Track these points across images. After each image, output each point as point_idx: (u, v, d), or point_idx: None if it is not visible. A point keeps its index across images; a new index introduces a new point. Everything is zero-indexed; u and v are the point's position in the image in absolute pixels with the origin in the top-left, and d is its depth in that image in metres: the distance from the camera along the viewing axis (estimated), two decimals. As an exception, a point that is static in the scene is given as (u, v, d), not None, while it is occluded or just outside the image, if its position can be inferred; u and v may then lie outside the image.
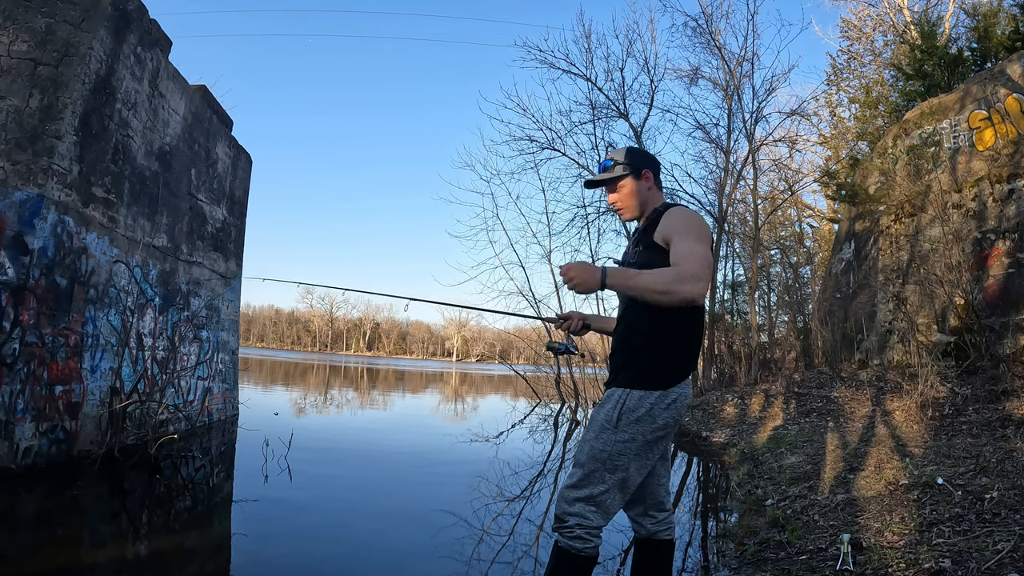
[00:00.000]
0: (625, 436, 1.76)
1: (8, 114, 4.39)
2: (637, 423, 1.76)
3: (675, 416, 1.81)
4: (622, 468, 1.76)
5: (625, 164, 2.00)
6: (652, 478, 1.93)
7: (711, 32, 12.37)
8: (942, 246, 7.22)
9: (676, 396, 1.79)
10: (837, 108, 14.65)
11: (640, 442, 1.76)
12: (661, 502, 1.95)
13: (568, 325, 2.31)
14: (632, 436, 1.76)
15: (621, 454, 1.75)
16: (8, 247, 4.23)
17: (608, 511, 1.77)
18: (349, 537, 3.54)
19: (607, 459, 1.76)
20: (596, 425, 1.81)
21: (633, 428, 1.76)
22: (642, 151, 2.10)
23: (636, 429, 1.76)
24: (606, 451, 1.76)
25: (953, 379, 5.82)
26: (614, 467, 1.75)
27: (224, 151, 7.84)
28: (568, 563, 1.72)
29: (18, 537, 3.16)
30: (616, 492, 1.77)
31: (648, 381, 1.77)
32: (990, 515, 2.76)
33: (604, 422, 1.79)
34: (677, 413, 1.81)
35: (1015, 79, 7.10)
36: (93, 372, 5.00)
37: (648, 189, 2.01)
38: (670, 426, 1.81)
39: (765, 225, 13.81)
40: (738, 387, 10.52)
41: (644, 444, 1.77)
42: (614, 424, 1.77)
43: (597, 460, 1.77)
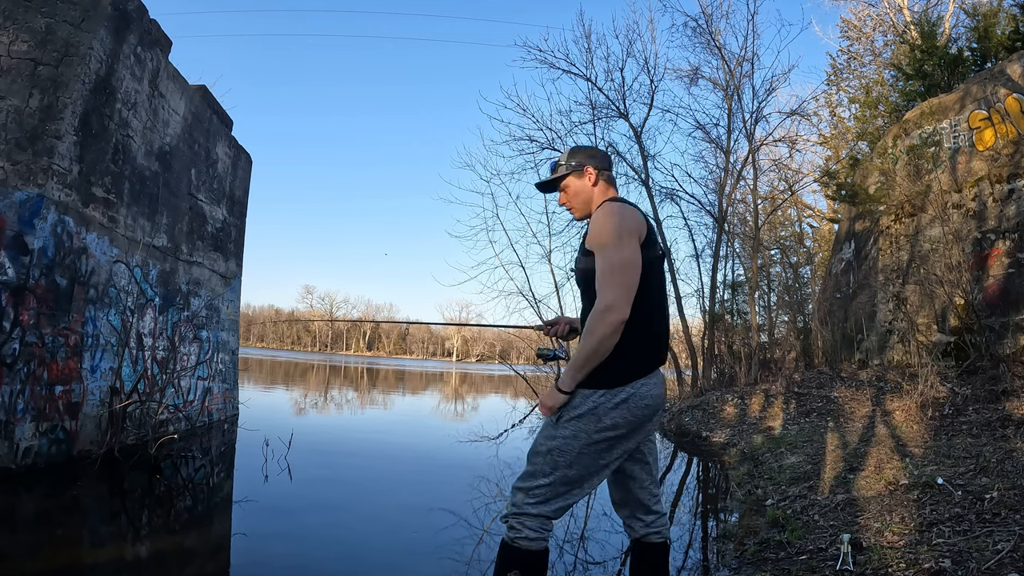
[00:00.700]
0: (565, 432, 1.74)
1: (8, 114, 4.39)
2: (578, 420, 1.73)
3: (628, 416, 1.73)
4: (564, 465, 1.73)
5: (567, 164, 2.00)
6: (632, 481, 1.92)
7: (711, 32, 12.37)
8: (942, 246, 7.22)
9: (627, 395, 1.73)
10: (837, 108, 14.65)
11: (584, 440, 1.73)
12: (646, 505, 1.94)
13: (555, 331, 2.26)
14: (573, 433, 1.73)
15: (562, 451, 1.74)
16: (8, 247, 4.23)
17: (551, 507, 1.74)
18: (349, 537, 3.54)
19: (547, 454, 1.76)
20: (544, 423, 1.85)
21: (574, 425, 1.74)
22: (586, 147, 2.05)
23: (577, 426, 1.73)
24: (545, 446, 1.77)
25: (953, 379, 5.82)
26: (555, 464, 1.74)
27: (224, 151, 7.84)
28: (507, 555, 1.73)
29: (18, 537, 3.16)
30: (560, 488, 1.74)
31: (594, 380, 1.74)
32: (990, 515, 2.76)
33: (548, 419, 1.81)
34: (631, 414, 1.74)
35: (1015, 79, 7.10)
36: (93, 372, 5.00)
37: (592, 186, 1.97)
38: (623, 426, 1.74)
39: (765, 225, 13.80)
40: (738, 387, 10.52)
41: (590, 443, 1.73)
42: (555, 421, 1.78)
43: (538, 455, 1.78)
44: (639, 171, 12.50)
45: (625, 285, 1.70)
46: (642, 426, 1.79)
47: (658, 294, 1.88)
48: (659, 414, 1.87)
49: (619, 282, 1.69)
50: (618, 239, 1.73)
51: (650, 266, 1.80)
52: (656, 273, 1.87)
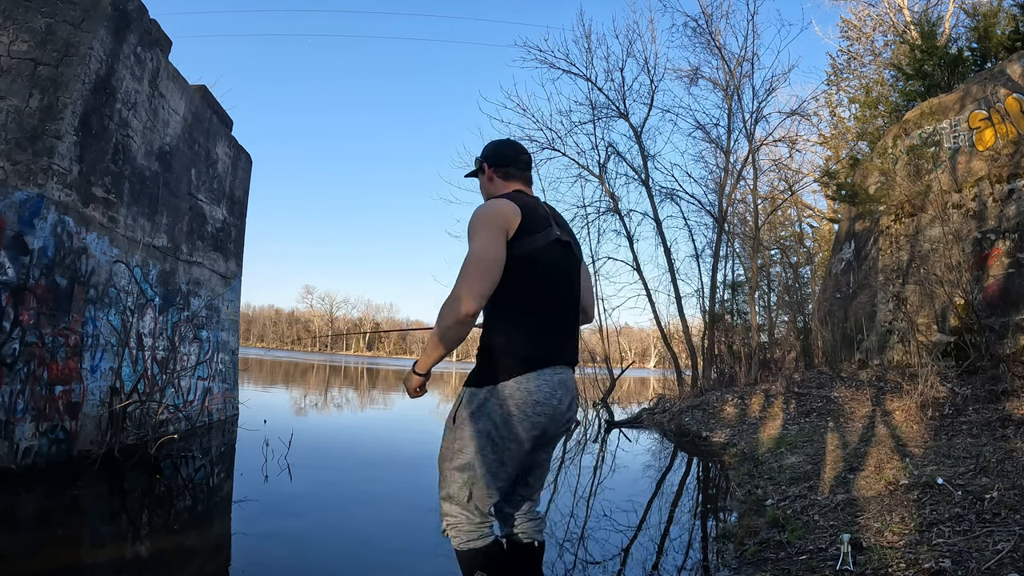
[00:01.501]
0: (463, 433, 1.76)
1: (8, 114, 4.39)
2: (471, 418, 1.75)
3: (516, 412, 1.71)
4: (467, 467, 1.75)
5: (477, 160, 2.05)
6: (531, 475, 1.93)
7: (711, 32, 12.37)
8: (942, 246, 7.22)
9: (512, 391, 1.71)
10: (837, 108, 14.66)
11: (482, 438, 1.74)
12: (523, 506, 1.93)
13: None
14: (470, 432, 1.75)
15: (460, 451, 1.76)
16: (8, 247, 4.23)
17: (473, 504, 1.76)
18: (349, 537, 3.54)
19: (451, 458, 1.78)
20: (444, 427, 1.85)
21: (469, 424, 1.75)
22: (490, 144, 2.04)
23: (472, 425, 1.75)
24: (448, 450, 1.79)
25: (953, 379, 5.82)
26: (461, 465, 1.76)
27: (224, 151, 7.84)
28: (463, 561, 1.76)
29: (18, 537, 3.16)
30: (469, 488, 1.75)
31: (480, 377, 1.76)
32: (990, 515, 2.76)
33: (447, 423, 1.83)
34: (519, 410, 1.71)
35: (1015, 79, 7.10)
36: (93, 372, 5.00)
37: (489, 182, 2.00)
38: (514, 423, 1.72)
39: (765, 225, 13.80)
40: (738, 387, 10.52)
41: (488, 440, 1.73)
42: (452, 422, 1.80)
43: (444, 460, 1.80)
44: (639, 171, 12.51)
45: (475, 278, 1.68)
46: (536, 425, 1.74)
47: (547, 287, 1.80)
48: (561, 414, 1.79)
49: (469, 275, 1.69)
50: (477, 234, 1.74)
51: (530, 258, 1.76)
52: (542, 265, 1.79)
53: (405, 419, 11.02)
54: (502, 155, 2.00)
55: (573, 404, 1.85)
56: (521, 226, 1.76)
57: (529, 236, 1.77)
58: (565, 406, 1.80)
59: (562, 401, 1.78)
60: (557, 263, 1.84)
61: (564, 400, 1.79)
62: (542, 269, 1.79)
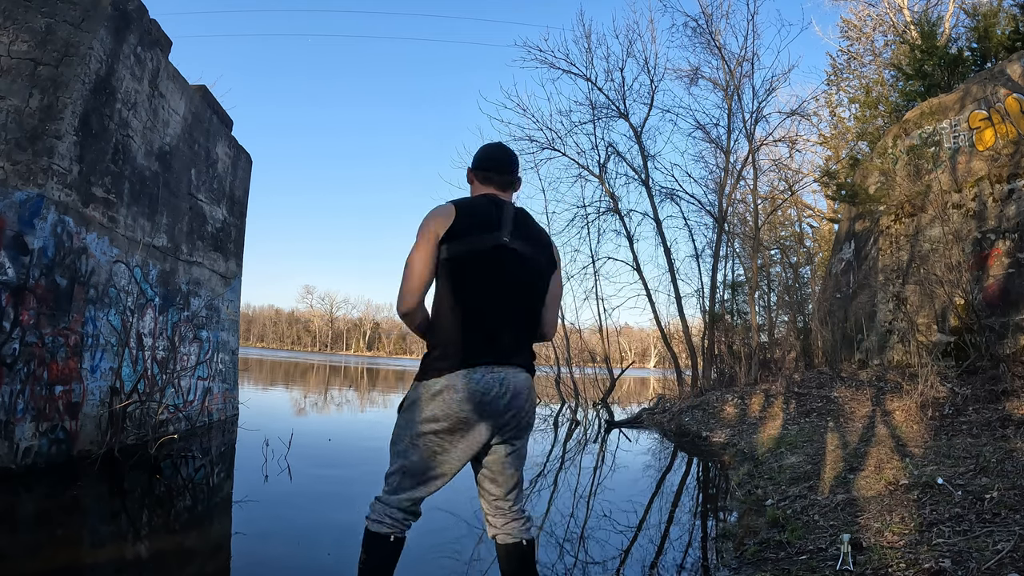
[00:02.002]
0: (400, 422, 1.86)
1: (8, 114, 4.39)
2: (407, 411, 1.84)
3: (445, 410, 1.74)
4: (401, 455, 1.83)
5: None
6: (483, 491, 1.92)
7: (711, 32, 12.37)
8: (942, 246, 7.22)
9: (441, 388, 1.75)
10: (837, 108, 14.66)
11: (412, 431, 1.80)
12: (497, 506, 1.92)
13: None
14: (403, 424, 1.84)
15: (398, 439, 1.85)
16: (8, 247, 4.23)
17: (398, 497, 1.83)
18: (349, 537, 3.53)
19: (392, 445, 1.88)
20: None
21: (404, 416, 1.85)
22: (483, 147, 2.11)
23: (406, 417, 1.84)
24: (392, 436, 1.89)
25: (953, 379, 5.82)
26: (395, 452, 1.85)
27: (224, 151, 7.84)
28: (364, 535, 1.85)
29: (18, 537, 3.16)
30: (405, 480, 1.83)
31: (419, 374, 1.85)
32: (990, 515, 2.76)
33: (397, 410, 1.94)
34: (447, 407, 1.74)
35: (1015, 79, 7.10)
36: (93, 372, 5.00)
37: (470, 183, 2.09)
38: (441, 419, 1.75)
39: (765, 225, 13.80)
40: (738, 387, 10.52)
41: (418, 434, 1.79)
42: (398, 411, 1.91)
43: (390, 445, 1.90)
44: (639, 171, 12.52)
45: (403, 280, 1.83)
46: (469, 423, 1.76)
47: (478, 288, 1.82)
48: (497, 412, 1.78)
49: (403, 278, 1.84)
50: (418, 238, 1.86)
51: (457, 261, 1.81)
52: (471, 268, 1.82)
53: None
54: (481, 159, 2.05)
55: (516, 403, 1.80)
56: (450, 230, 1.81)
57: (458, 240, 1.81)
58: (505, 401, 1.78)
59: (484, 394, 1.76)
60: (493, 268, 1.83)
61: (501, 395, 1.78)
62: (471, 272, 1.82)
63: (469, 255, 1.81)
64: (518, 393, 1.81)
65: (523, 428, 1.89)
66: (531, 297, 1.93)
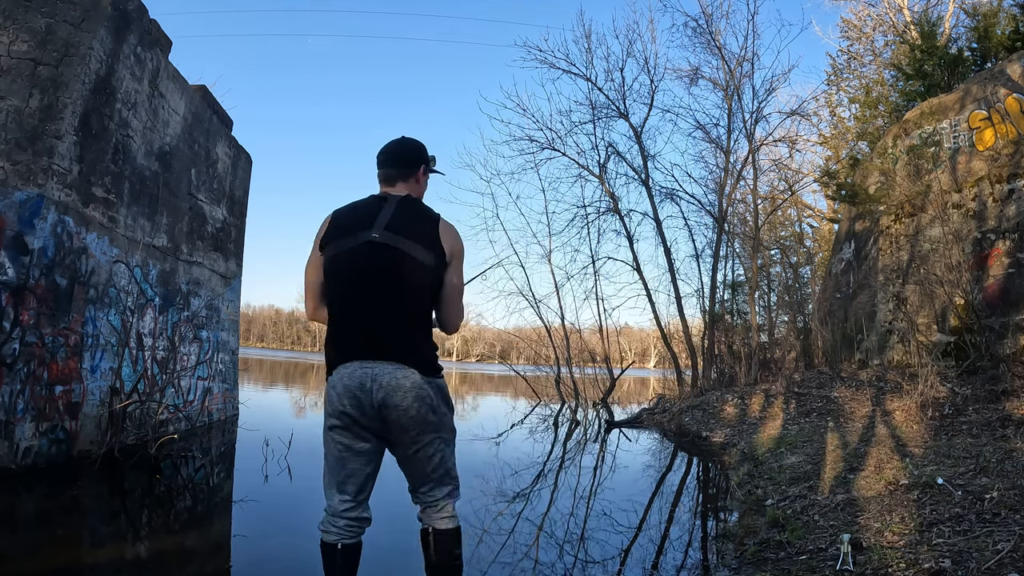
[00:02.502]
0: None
1: (8, 114, 4.39)
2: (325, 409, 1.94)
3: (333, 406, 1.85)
4: (324, 456, 1.95)
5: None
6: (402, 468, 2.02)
7: (711, 32, 12.36)
8: (942, 246, 7.22)
9: (334, 382, 1.85)
10: (837, 108, 14.65)
11: (324, 430, 1.93)
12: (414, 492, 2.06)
13: None
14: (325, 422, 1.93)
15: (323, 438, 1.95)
16: (8, 247, 4.23)
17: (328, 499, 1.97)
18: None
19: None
20: None
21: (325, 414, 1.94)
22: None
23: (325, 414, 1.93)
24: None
25: (953, 379, 5.82)
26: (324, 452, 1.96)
27: (224, 151, 7.84)
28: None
29: (18, 537, 3.16)
30: (326, 480, 1.97)
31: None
32: (990, 515, 2.76)
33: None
34: (332, 403, 1.85)
35: (1015, 79, 7.10)
36: (93, 372, 4.99)
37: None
38: (332, 415, 1.86)
39: (765, 225, 13.79)
40: (738, 387, 10.52)
41: (326, 431, 1.91)
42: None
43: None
44: (639, 171, 12.51)
45: (305, 290, 2.01)
46: (354, 419, 1.83)
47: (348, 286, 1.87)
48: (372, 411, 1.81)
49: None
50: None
51: (330, 264, 1.91)
52: (337, 270, 1.89)
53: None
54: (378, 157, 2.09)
55: (393, 400, 1.79)
56: (325, 235, 1.93)
57: (332, 243, 1.91)
58: (378, 398, 1.79)
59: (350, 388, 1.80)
60: (362, 266, 1.84)
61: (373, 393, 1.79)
62: (337, 274, 1.89)
63: (339, 255, 1.88)
64: (395, 390, 1.78)
65: (412, 429, 1.83)
66: (407, 291, 1.85)
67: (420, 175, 2.05)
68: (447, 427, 1.96)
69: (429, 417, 1.85)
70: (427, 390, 1.84)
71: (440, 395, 1.90)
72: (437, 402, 1.88)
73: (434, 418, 1.87)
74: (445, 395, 1.94)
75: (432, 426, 1.87)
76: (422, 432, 1.86)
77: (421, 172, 2.06)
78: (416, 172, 2.03)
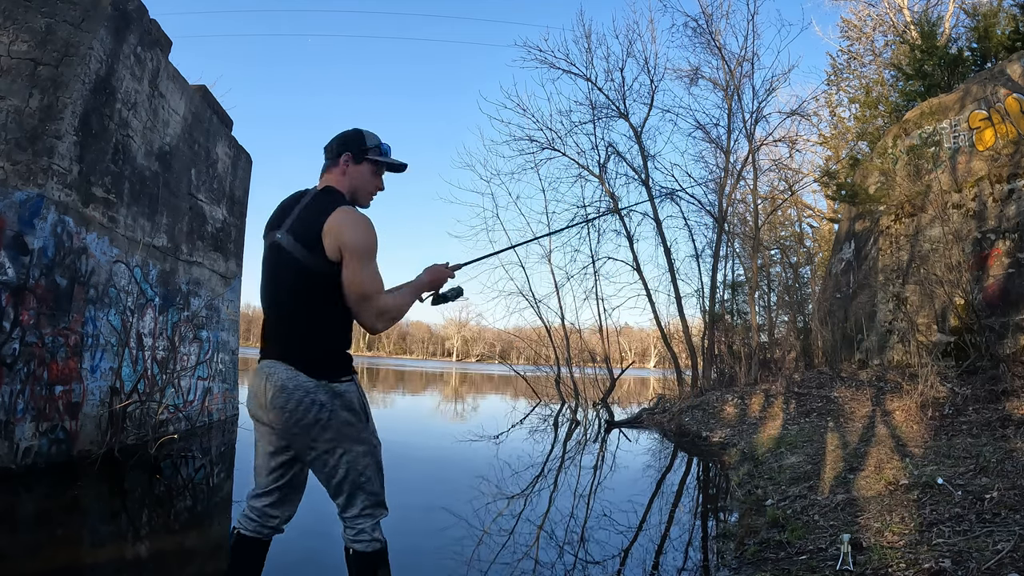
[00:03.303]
0: None
1: (8, 114, 4.39)
2: None
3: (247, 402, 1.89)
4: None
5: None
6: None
7: (711, 32, 12.36)
8: (942, 246, 7.22)
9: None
10: (837, 108, 14.65)
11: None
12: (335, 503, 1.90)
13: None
14: None
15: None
16: (8, 247, 4.23)
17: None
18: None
19: None
20: None
21: None
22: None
23: None
24: None
25: (953, 379, 5.82)
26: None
27: (224, 151, 7.84)
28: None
29: (18, 537, 3.16)
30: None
31: None
32: (990, 515, 2.76)
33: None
34: (248, 400, 1.87)
35: (1015, 79, 7.10)
36: (93, 372, 4.99)
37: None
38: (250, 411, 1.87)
39: (765, 225, 13.79)
40: (738, 387, 10.52)
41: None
42: None
43: None
44: (639, 171, 12.51)
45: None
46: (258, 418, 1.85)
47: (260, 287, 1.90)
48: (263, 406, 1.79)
49: None
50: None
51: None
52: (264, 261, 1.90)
53: (405, 419, 11.03)
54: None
55: (277, 400, 1.75)
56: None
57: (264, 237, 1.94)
58: (267, 399, 1.77)
59: (263, 394, 1.79)
60: (266, 266, 1.89)
61: (265, 392, 1.78)
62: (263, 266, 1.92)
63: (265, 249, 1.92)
64: (279, 391, 1.74)
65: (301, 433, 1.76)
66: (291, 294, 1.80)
67: (343, 164, 1.91)
68: (350, 437, 1.79)
69: (319, 422, 1.74)
70: (315, 394, 1.74)
71: (338, 400, 1.77)
72: (332, 407, 1.75)
73: (327, 423, 1.75)
74: (347, 401, 1.79)
75: (326, 432, 1.75)
76: (315, 439, 1.76)
77: (344, 161, 1.91)
78: (339, 161, 1.92)
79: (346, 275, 1.76)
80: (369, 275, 1.78)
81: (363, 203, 1.97)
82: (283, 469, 1.88)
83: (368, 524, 1.83)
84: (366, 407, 1.87)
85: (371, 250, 1.79)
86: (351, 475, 1.80)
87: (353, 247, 1.75)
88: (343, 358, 1.84)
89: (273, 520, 1.93)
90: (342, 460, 1.79)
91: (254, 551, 1.93)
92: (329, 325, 1.81)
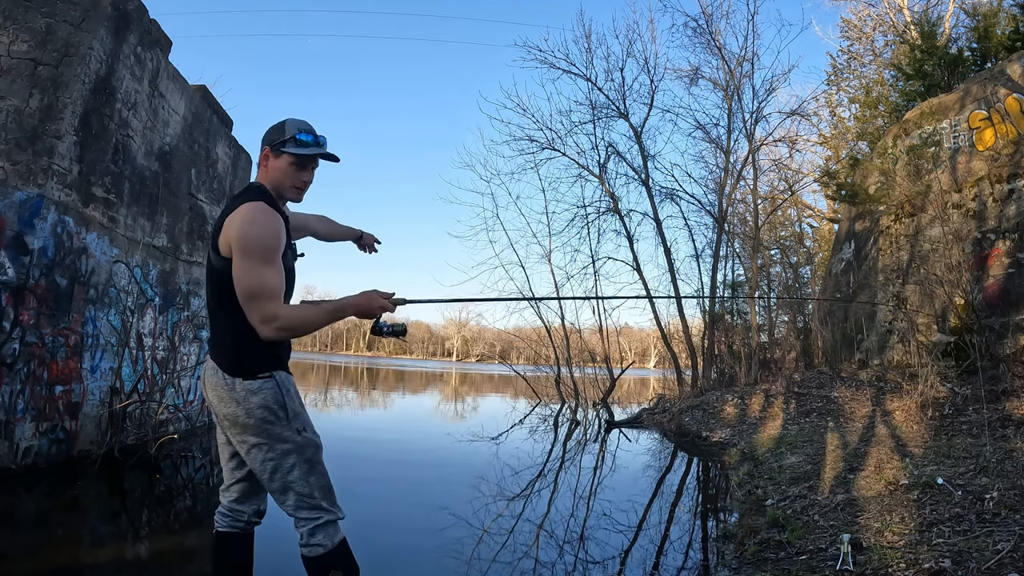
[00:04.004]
0: None
1: (8, 114, 4.39)
2: None
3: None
4: None
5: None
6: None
7: (711, 32, 12.38)
8: (942, 246, 7.22)
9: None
10: (837, 108, 14.65)
11: None
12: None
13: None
14: None
15: None
16: (8, 247, 4.23)
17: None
18: (349, 536, 3.53)
19: None
20: None
21: None
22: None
23: None
24: None
25: (953, 379, 5.82)
26: None
27: (224, 151, 7.83)
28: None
29: (18, 537, 3.16)
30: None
31: None
32: (990, 515, 2.76)
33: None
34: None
35: (1015, 79, 7.10)
36: (93, 372, 5.00)
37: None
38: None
39: (765, 225, 13.79)
40: (738, 387, 10.52)
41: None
42: None
43: None
44: (639, 171, 12.52)
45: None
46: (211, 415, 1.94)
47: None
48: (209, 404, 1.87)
49: None
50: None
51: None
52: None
53: (405, 419, 11.03)
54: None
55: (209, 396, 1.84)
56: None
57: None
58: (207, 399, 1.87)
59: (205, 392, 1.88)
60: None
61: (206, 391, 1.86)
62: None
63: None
64: (210, 388, 1.83)
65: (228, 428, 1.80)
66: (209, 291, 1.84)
67: (263, 159, 1.85)
68: (271, 435, 1.76)
69: (236, 420, 1.76)
70: (233, 392, 1.75)
71: (254, 398, 1.74)
72: (247, 405, 1.74)
73: (245, 422, 1.75)
74: (266, 400, 1.75)
75: (246, 431, 1.76)
76: (242, 434, 1.78)
77: (264, 156, 1.85)
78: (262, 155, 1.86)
79: (233, 272, 1.70)
80: (253, 274, 1.68)
81: (290, 197, 1.88)
82: (236, 461, 1.95)
83: (305, 528, 1.81)
84: (289, 405, 1.79)
85: (259, 248, 1.69)
86: (278, 474, 1.80)
87: (238, 243, 1.68)
88: (259, 356, 1.77)
89: (243, 515, 2.00)
90: (267, 458, 1.79)
91: (233, 547, 2.00)
92: (240, 323, 1.73)
